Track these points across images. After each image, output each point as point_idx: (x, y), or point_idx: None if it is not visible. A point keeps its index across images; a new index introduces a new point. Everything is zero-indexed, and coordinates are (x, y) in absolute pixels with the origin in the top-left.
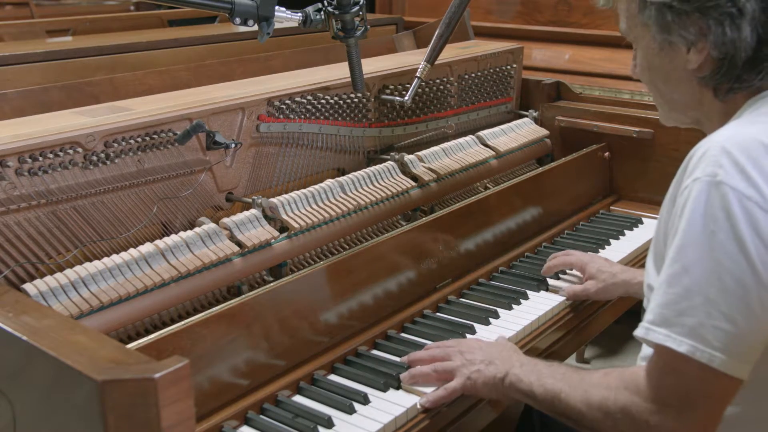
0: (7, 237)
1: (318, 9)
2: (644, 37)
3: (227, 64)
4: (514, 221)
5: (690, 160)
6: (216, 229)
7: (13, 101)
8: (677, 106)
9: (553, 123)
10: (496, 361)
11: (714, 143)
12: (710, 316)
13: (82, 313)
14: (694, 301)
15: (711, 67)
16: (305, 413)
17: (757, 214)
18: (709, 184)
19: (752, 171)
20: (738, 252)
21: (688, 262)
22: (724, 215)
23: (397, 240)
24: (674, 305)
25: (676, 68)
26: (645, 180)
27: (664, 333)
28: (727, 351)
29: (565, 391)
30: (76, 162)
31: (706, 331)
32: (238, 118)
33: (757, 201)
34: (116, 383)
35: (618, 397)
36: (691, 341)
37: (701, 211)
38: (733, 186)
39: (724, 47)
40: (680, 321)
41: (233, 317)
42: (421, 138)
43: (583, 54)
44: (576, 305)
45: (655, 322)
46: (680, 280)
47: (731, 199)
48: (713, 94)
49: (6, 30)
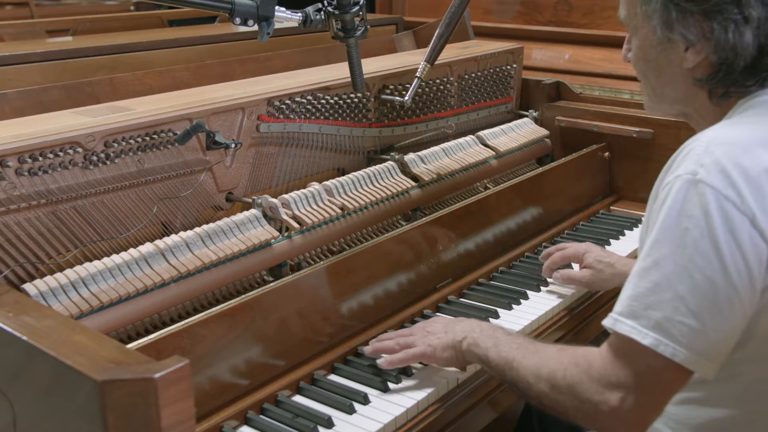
0: (7, 237)
1: (318, 9)
2: (643, 27)
3: (227, 64)
4: (514, 221)
5: (676, 157)
6: (216, 228)
7: (13, 101)
8: (666, 99)
9: (553, 123)
10: (456, 328)
11: (699, 142)
12: (677, 312)
13: (82, 313)
14: (662, 295)
15: (707, 70)
16: (305, 413)
17: (733, 214)
18: (689, 182)
19: (733, 171)
20: (711, 251)
21: (660, 256)
22: (701, 213)
23: (397, 240)
24: (643, 298)
25: (671, 64)
26: (645, 180)
27: (631, 324)
28: (691, 347)
29: (518, 360)
30: (76, 162)
31: (671, 326)
32: (238, 118)
33: (735, 202)
34: (116, 383)
35: (567, 373)
36: (655, 334)
37: (678, 208)
38: (712, 185)
39: (724, 52)
40: (647, 314)
41: (233, 317)
42: (421, 138)
43: (583, 54)
44: (576, 305)
45: (624, 314)
46: (651, 274)
47: (709, 198)
48: (707, 96)
49: (6, 30)
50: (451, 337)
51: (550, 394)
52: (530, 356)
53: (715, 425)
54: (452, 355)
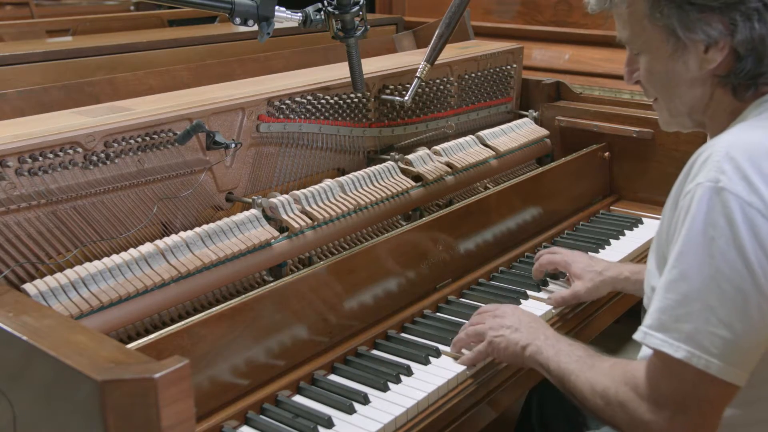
0: (7, 237)
1: (318, 9)
2: (653, 42)
3: (227, 64)
4: (514, 221)
5: (693, 164)
6: (216, 228)
7: (13, 101)
8: (682, 111)
9: (553, 123)
10: (523, 329)
11: (717, 148)
12: (708, 323)
13: (82, 313)
14: (692, 307)
15: (732, 65)
16: (305, 413)
17: (758, 221)
18: (711, 190)
19: (755, 177)
20: (738, 259)
21: (687, 268)
22: (725, 222)
23: (397, 240)
24: (672, 311)
25: (688, 70)
26: (645, 180)
27: (662, 338)
28: (724, 357)
29: (576, 374)
30: (76, 162)
31: (703, 338)
32: (238, 118)
33: (759, 208)
34: (116, 383)
35: (618, 390)
36: (688, 347)
37: (702, 218)
38: (736, 193)
39: (752, 43)
40: (677, 327)
41: (233, 317)
42: (421, 138)
43: (583, 54)
44: (576, 305)
45: (653, 327)
46: (679, 286)
47: (733, 206)
48: (732, 93)
49: (6, 30)
50: (516, 338)
51: (606, 410)
52: (587, 371)
53: (723, 423)
54: (513, 356)
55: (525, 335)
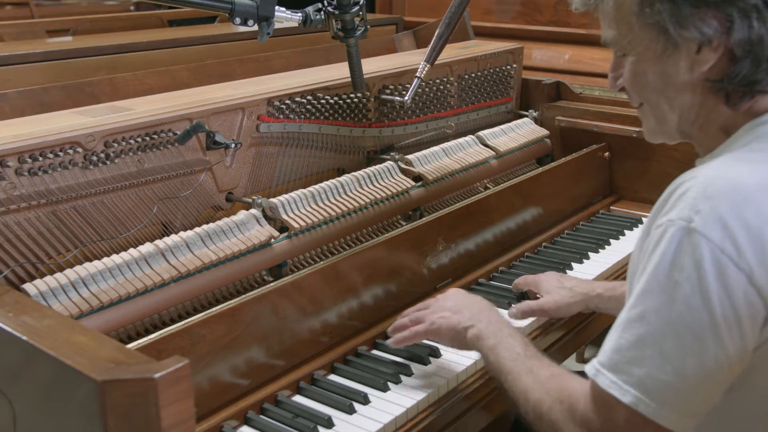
0: (7, 237)
1: (318, 9)
2: (641, 41)
3: (227, 64)
4: (514, 221)
5: (672, 194)
6: (216, 228)
7: (13, 101)
8: (669, 119)
9: (553, 123)
10: (465, 311)
11: (696, 181)
12: (661, 370)
13: (82, 313)
14: (646, 351)
15: (727, 68)
16: (305, 413)
17: (729, 270)
18: (683, 230)
19: (732, 222)
20: (701, 307)
21: (646, 309)
22: (693, 266)
23: (397, 240)
24: (626, 351)
25: (678, 72)
26: (645, 180)
27: (612, 379)
28: (672, 406)
29: (512, 375)
30: (76, 162)
31: (653, 384)
32: (238, 118)
33: (731, 256)
34: (116, 383)
35: (553, 407)
36: (636, 392)
37: (669, 258)
38: (708, 236)
39: (749, 44)
40: (629, 369)
41: (233, 317)
42: (421, 138)
43: (583, 54)
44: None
45: (605, 365)
46: (636, 327)
47: (703, 251)
48: (725, 101)
49: (6, 30)
50: (457, 320)
51: (535, 422)
52: (524, 376)
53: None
54: (455, 338)
55: (467, 317)
